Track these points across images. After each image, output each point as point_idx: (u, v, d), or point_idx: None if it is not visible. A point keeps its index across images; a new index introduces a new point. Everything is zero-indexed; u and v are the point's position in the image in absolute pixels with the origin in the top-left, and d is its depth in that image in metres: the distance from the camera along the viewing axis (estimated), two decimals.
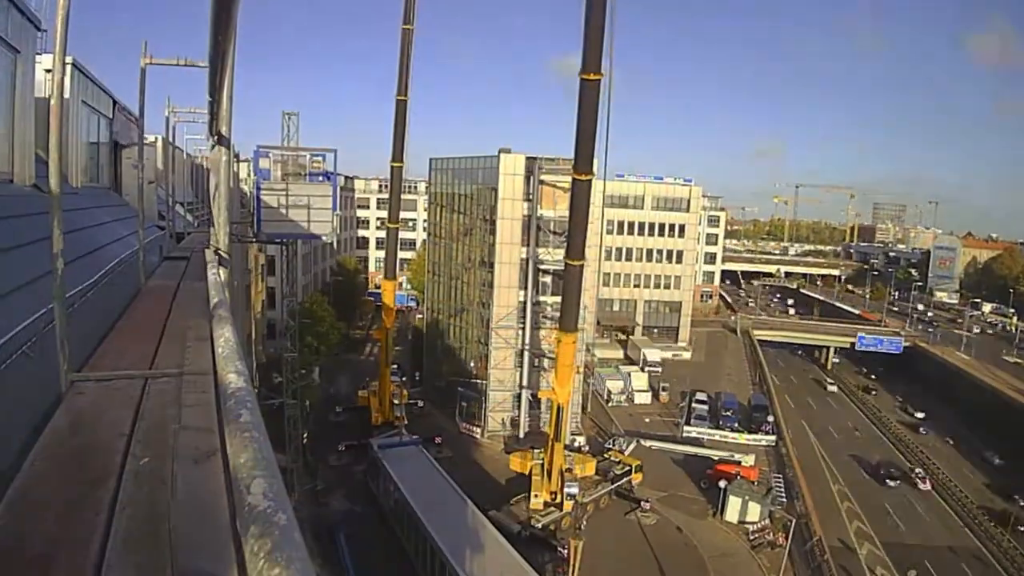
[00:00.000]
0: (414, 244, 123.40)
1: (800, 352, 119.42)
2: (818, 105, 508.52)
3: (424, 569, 45.06)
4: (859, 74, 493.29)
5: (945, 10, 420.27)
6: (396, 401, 68.81)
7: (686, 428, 74.30)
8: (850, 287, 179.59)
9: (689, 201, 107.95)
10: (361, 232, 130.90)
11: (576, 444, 65.96)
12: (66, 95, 15.84)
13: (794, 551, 51.32)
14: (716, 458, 65.89)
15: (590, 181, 47.24)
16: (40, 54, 15.72)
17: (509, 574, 41.17)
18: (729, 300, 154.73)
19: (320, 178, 40.30)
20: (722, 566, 50.06)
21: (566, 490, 54.48)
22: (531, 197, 69.38)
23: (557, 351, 54.07)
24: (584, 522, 54.15)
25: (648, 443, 67.81)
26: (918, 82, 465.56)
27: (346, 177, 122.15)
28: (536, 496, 55.30)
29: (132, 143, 25.94)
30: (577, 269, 49.90)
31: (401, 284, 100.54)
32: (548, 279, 69.68)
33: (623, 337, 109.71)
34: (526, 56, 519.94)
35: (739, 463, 63.36)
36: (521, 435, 68.99)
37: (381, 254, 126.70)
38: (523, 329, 70.75)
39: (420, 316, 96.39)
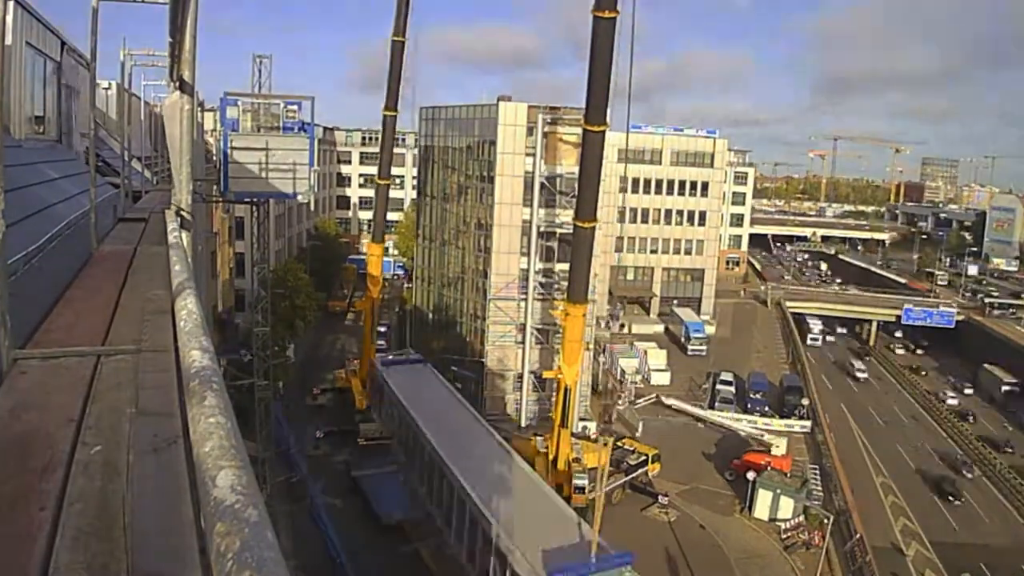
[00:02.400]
0: (402, 204, 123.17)
1: (845, 331, 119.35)
2: (860, 48, 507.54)
3: (439, 509, 44.87)
4: (906, 11, 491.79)
5: None
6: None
7: (710, 412, 74.38)
8: (895, 253, 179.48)
9: (713, 156, 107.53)
10: (342, 191, 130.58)
11: (587, 431, 66.06)
12: (8, 36, 15.74)
13: (832, 552, 51.56)
14: (743, 434, 67.38)
15: (603, 133, 47.54)
16: None
17: (538, 508, 40.81)
18: (758, 267, 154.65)
19: (295, 129, 40.23)
20: (751, 569, 50.29)
21: (574, 483, 54.60)
22: (534, 151, 68.97)
23: (564, 325, 54.22)
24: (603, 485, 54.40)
25: (670, 401, 67.94)
26: (972, 21, 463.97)
27: (324, 128, 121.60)
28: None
29: (83, 90, 25.86)
30: (587, 232, 50.50)
31: (387, 249, 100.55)
32: (554, 244, 69.40)
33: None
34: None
35: (768, 451, 63.41)
36: (523, 421, 69.03)
37: (365, 215, 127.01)
38: (525, 301, 70.53)
39: (408, 286, 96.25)
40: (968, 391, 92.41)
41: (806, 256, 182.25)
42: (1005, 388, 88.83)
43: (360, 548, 48.67)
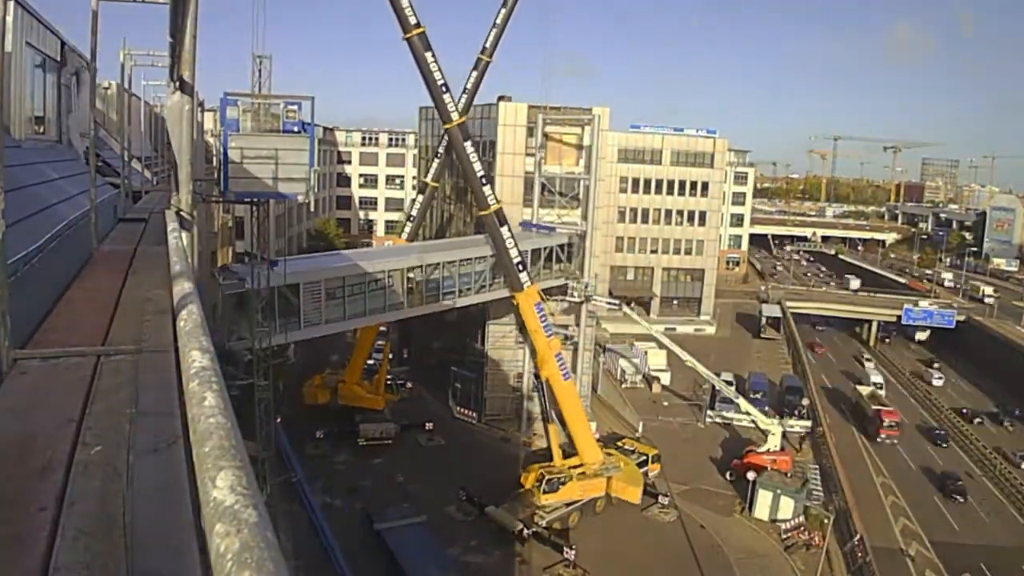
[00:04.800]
0: (401, 204, 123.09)
1: (830, 326, 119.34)
2: (859, 46, 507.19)
3: None
4: (904, 8, 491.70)
5: None
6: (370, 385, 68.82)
7: (710, 413, 74.42)
8: (895, 253, 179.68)
9: (713, 155, 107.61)
10: (342, 191, 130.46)
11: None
12: (8, 36, 15.70)
13: (832, 552, 51.51)
14: (733, 421, 71.45)
15: (457, 128, 52.41)
16: None
17: None
18: (759, 267, 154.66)
19: (295, 129, 40.17)
20: (751, 569, 50.20)
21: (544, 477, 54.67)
22: (534, 152, 68.78)
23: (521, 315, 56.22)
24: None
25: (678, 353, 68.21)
26: (971, 19, 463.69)
27: (324, 128, 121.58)
28: (525, 472, 55.98)
29: (83, 90, 25.84)
30: (491, 218, 54.31)
31: None
32: None
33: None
34: None
35: (768, 451, 63.26)
36: (524, 421, 68.86)
37: (370, 215, 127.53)
38: None
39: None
40: None
41: (807, 256, 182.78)
42: None
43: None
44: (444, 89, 50.97)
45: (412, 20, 48.50)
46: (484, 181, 54.01)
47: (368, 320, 53.93)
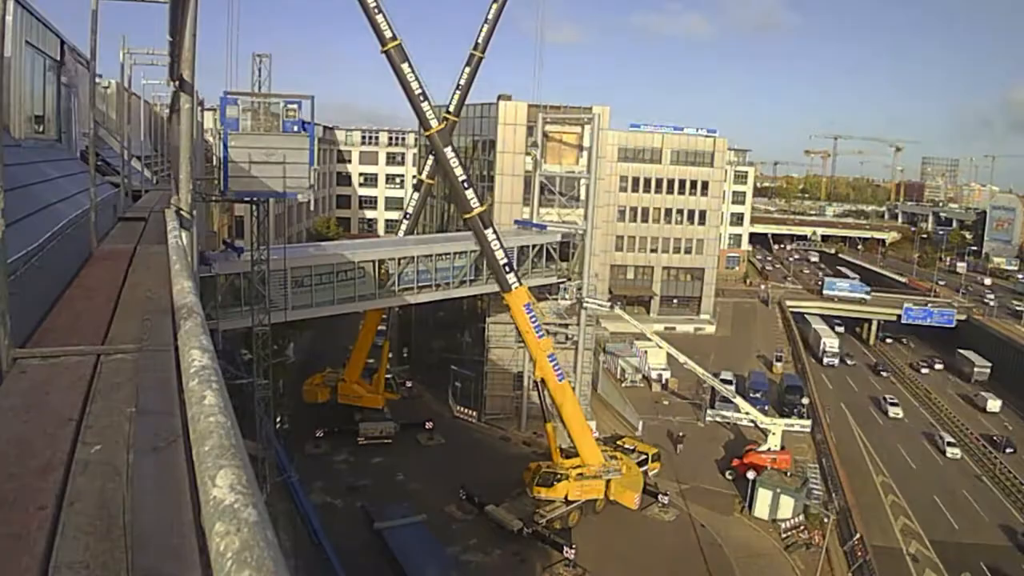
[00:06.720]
0: (401, 203, 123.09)
1: (842, 326, 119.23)
2: (858, 45, 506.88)
3: None
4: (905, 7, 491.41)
5: None
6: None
7: (709, 412, 74.32)
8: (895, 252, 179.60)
9: (713, 155, 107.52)
10: (342, 190, 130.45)
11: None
12: (7, 35, 15.67)
13: (833, 552, 51.45)
14: (733, 420, 70.99)
15: (437, 135, 53.87)
16: None
17: None
18: (759, 267, 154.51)
19: (295, 128, 40.17)
20: (751, 569, 50.14)
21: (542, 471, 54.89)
22: (534, 151, 68.77)
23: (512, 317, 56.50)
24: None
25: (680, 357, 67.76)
26: (971, 18, 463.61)
27: (324, 127, 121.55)
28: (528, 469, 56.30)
29: (83, 89, 25.83)
30: (475, 221, 54.55)
31: None
32: None
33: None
34: None
35: (768, 450, 63.21)
36: (523, 420, 68.89)
37: (370, 214, 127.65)
38: None
39: None
40: None
41: (808, 255, 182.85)
42: None
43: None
44: (423, 98, 51.91)
45: (388, 33, 49.49)
46: (467, 185, 54.38)
47: (336, 309, 53.92)
